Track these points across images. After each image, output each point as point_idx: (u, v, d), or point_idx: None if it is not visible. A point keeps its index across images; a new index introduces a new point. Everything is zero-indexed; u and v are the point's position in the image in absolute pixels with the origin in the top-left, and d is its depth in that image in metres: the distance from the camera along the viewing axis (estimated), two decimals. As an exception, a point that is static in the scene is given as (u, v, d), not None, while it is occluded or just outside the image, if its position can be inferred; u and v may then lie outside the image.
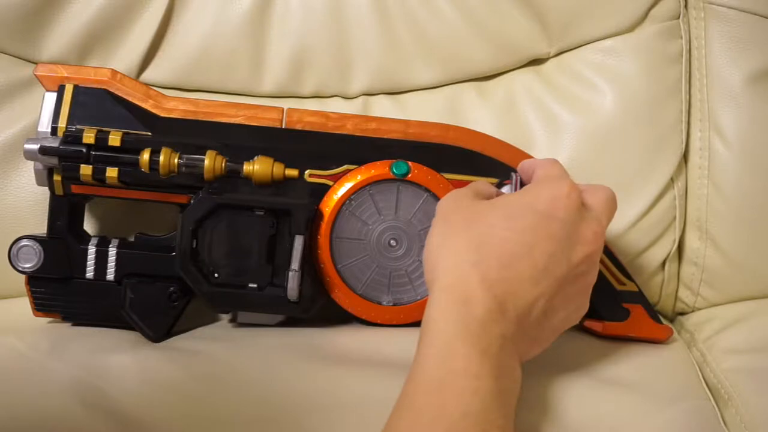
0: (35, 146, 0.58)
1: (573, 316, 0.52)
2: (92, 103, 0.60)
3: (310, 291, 0.59)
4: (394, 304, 0.62)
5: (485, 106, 0.69)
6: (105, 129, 0.59)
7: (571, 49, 0.70)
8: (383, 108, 0.70)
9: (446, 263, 0.49)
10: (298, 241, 0.58)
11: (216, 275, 0.60)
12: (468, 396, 0.43)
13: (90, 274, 0.61)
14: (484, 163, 0.62)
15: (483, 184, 0.57)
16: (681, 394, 0.57)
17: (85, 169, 0.58)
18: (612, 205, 0.54)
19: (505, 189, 0.60)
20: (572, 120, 0.68)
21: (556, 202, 0.51)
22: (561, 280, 0.49)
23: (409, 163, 0.61)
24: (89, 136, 0.59)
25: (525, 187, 0.54)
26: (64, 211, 0.61)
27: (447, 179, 0.61)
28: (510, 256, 0.48)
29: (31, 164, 0.61)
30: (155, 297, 0.60)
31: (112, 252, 0.61)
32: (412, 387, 0.44)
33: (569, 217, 0.50)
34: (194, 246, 0.59)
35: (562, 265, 0.49)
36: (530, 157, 0.64)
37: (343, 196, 0.60)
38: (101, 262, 0.61)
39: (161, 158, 0.58)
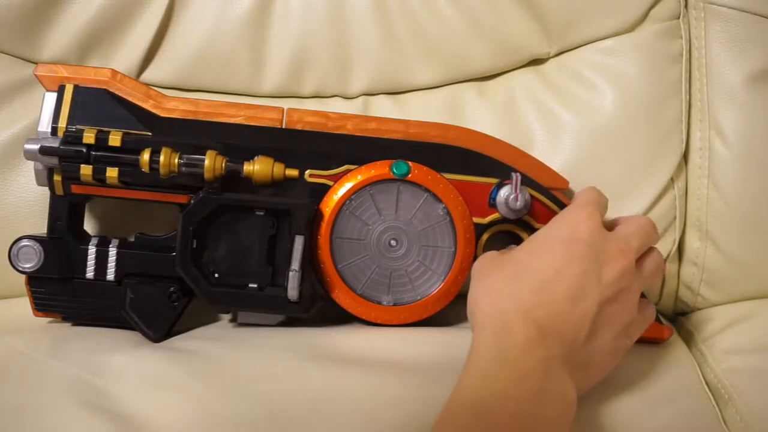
0: (35, 146, 0.58)
1: (624, 338, 0.53)
2: (92, 103, 0.60)
3: (310, 291, 0.59)
4: (395, 304, 0.62)
5: (485, 106, 0.69)
6: (105, 129, 0.59)
7: (571, 49, 0.70)
8: (383, 108, 0.70)
9: (484, 303, 0.52)
10: (299, 241, 0.58)
11: (216, 275, 0.60)
12: (505, 417, 0.44)
13: (90, 274, 0.61)
14: (484, 163, 0.62)
15: (508, 248, 0.60)
16: (681, 393, 0.58)
17: (86, 169, 0.58)
18: (645, 230, 0.57)
19: (504, 189, 0.60)
20: (572, 120, 0.68)
21: (576, 226, 0.54)
22: (599, 300, 0.51)
23: (410, 163, 0.61)
24: (89, 136, 0.59)
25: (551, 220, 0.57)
26: (64, 211, 0.61)
27: (447, 179, 0.61)
28: (541, 281, 0.51)
29: (31, 164, 0.61)
30: (155, 297, 0.60)
31: (112, 252, 0.61)
32: (455, 403, 0.45)
33: (592, 238, 0.53)
34: (194, 246, 0.59)
35: (595, 285, 0.51)
36: (530, 157, 0.64)
37: (343, 196, 0.60)
38: (101, 262, 0.61)
39: (161, 158, 0.58)
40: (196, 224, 0.59)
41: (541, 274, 0.51)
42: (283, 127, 0.61)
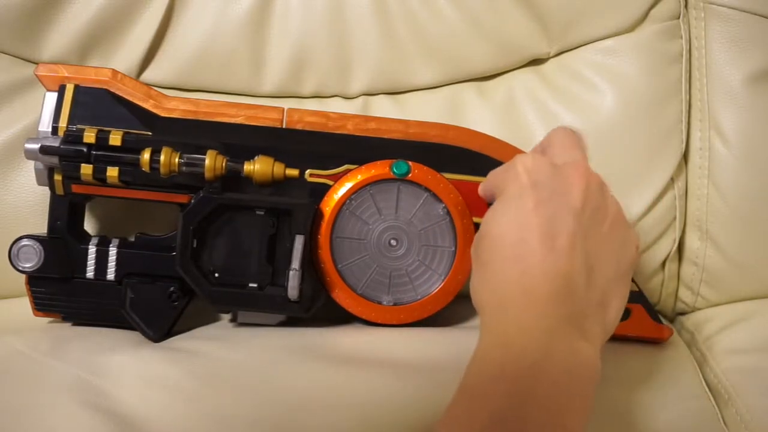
0: (36, 146, 0.58)
1: (627, 252, 0.49)
2: (93, 102, 0.60)
3: (310, 290, 0.59)
4: (395, 304, 0.62)
5: (485, 106, 0.69)
6: (106, 129, 0.59)
7: (571, 49, 0.70)
8: (383, 108, 0.70)
9: (478, 291, 0.49)
10: (299, 241, 0.58)
11: (216, 275, 0.60)
12: (498, 399, 0.42)
13: (90, 273, 0.61)
14: (484, 163, 0.62)
15: None
16: (681, 393, 0.58)
17: (86, 169, 0.58)
18: (570, 138, 0.52)
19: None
20: (572, 120, 0.68)
21: (517, 176, 0.49)
22: (579, 229, 0.46)
23: (410, 163, 0.61)
24: (90, 136, 0.59)
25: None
26: (65, 211, 0.61)
27: (447, 179, 0.61)
28: (514, 246, 0.47)
29: (31, 164, 0.61)
30: (155, 297, 0.60)
31: (113, 252, 0.61)
32: (457, 395, 0.44)
33: (537, 178, 0.48)
34: (194, 246, 0.59)
35: (567, 217, 0.47)
36: (530, 156, 0.64)
37: (343, 195, 0.60)
38: (101, 261, 0.61)
39: (162, 158, 0.58)
40: (197, 224, 0.59)
41: (511, 237, 0.47)
42: (284, 127, 0.61)
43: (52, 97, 0.60)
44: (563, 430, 0.41)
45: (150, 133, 0.60)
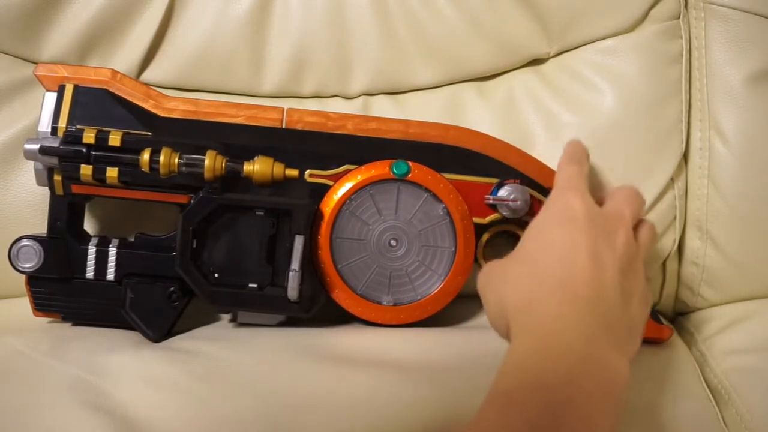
0: (35, 146, 0.58)
1: (644, 306, 0.52)
2: (92, 103, 0.60)
3: (310, 291, 0.59)
4: (395, 304, 0.62)
5: (485, 106, 0.69)
6: (105, 129, 0.59)
7: (571, 49, 0.70)
8: (383, 108, 0.70)
9: (511, 306, 0.49)
10: (299, 241, 0.58)
11: (216, 275, 0.60)
12: (537, 408, 0.42)
13: (90, 274, 0.61)
14: (484, 163, 0.62)
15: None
16: (681, 393, 0.58)
17: (86, 169, 0.58)
18: (631, 198, 0.56)
19: (504, 190, 0.60)
20: (572, 120, 0.68)
21: (568, 206, 0.52)
22: (618, 267, 0.50)
23: (410, 163, 0.61)
24: (89, 136, 0.59)
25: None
26: (64, 211, 0.61)
27: (447, 179, 0.61)
28: (560, 267, 0.49)
29: (31, 164, 0.61)
30: (155, 297, 0.60)
31: (113, 252, 0.61)
32: (488, 401, 0.43)
33: (589, 214, 0.52)
34: (194, 246, 0.59)
35: (609, 255, 0.50)
36: (530, 156, 0.64)
37: (343, 196, 0.60)
38: (101, 262, 0.61)
39: (161, 158, 0.58)
40: (196, 224, 0.59)
41: (556, 261, 0.50)
42: (283, 127, 0.61)
43: (51, 98, 0.60)
44: None
45: (150, 134, 0.60)
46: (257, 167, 0.59)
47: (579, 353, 0.44)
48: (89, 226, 0.65)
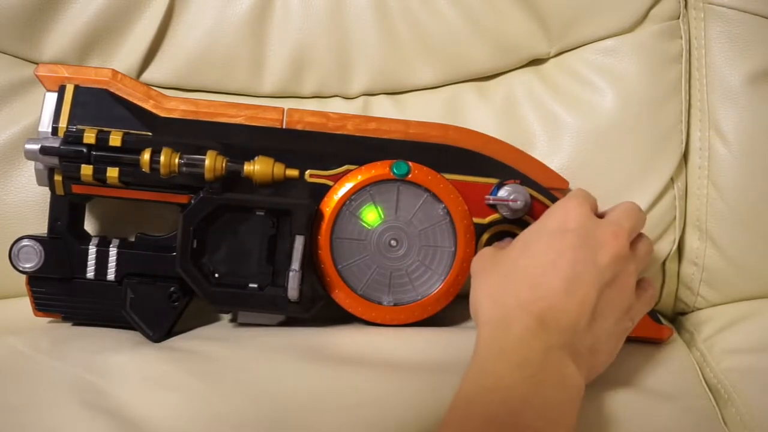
0: (36, 146, 0.58)
1: (626, 320, 0.54)
2: (93, 103, 0.60)
3: (310, 291, 0.59)
4: (395, 304, 0.62)
5: (485, 106, 0.69)
6: (106, 129, 0.59)
7: (571, 49, 0.70)
8: (383, 108, 0.70)
9: (484, 303, 0.53)
10: (299, 241, 0.58)
11: (216, 275, 0.60)
12: (494, 406, 0.44)
13: (90, 274, 0.61)
14: (484, 163, 0.62)
15: (503, 242, 0.61)
16: (681, 393, 0.58)
17: (86, 169, 0.58)
18: (632, 212, 0.57)
19: (504, 190, 0.60)
20: (572, 120, 0.68)
21: (565, 216, 0.54)
22: (597, 286, 0.51)
23: (410, 163, 0.61)
24: (90, 136, 0.59)
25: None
26: (65, 211, 0.61)
27: (447, 179, 0.61)
28: (536, 276, 0.51)
29: (31, 164, 0.61)
30: (155, 297, 0.60)
31: (113, 252, 0.61)
32: (454, 404, 0.46)
33: (582, 226, 0.53)
34: (195, 246, 0.59)
35: (591, 271, 0.51)
36: (530, 157, 0.64)
37: (343, 196, 0.60)
38: (102, 262, 0.61)
39: (162, 158, 0.58)
40: (197, 224, 0.59)
41: (536, 269, 0.52)
42: (284, 127, 0.61)
43: (52, 98, 0.60)
44: None
45: (150, 134, 0.60)
46: (257, 167, 0.59)
47: (540, 359, 0.47)
48: (90, 226, 0.65)
